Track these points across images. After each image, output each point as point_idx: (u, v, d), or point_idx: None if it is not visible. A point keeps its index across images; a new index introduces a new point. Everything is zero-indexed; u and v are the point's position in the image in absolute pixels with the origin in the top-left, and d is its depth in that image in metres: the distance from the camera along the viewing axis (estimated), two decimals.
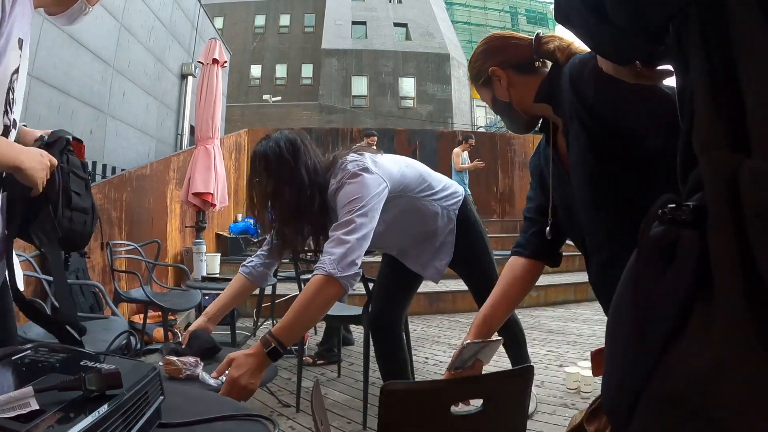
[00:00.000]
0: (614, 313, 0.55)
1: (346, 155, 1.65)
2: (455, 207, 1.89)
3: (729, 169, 0.38)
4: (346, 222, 1.45)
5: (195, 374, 1.29)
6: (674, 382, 0.43)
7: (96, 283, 2.66)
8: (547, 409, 2.33)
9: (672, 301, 0.45)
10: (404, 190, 1.76)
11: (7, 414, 0.59)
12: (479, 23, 33.61)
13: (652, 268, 0.47)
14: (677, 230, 0.46)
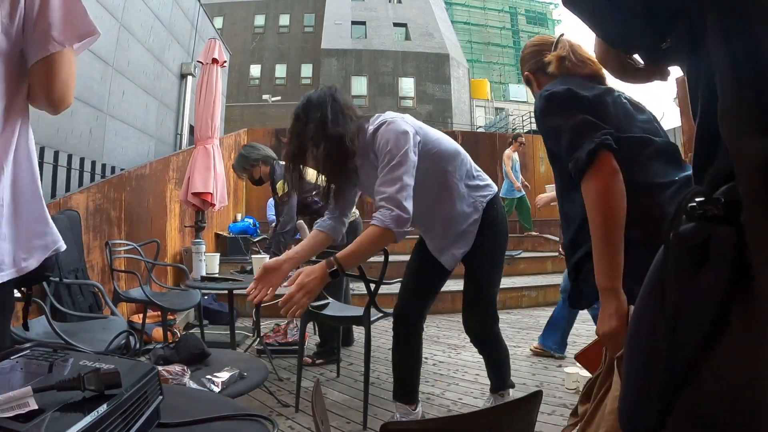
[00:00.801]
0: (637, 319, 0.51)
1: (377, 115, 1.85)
2: (483, 199, 1.92)
3: (764, 155, 0.35)
4: (390, 180, 1.65)
5: (182, 383, 1.29)
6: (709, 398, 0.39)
7: (95, 283, 2.66)
8: (547, 410, 2.33)
9: (706, 306, 0.40)
10: (438, 157, 1.84)
11: (6, 414, 0.59)
12: (479, 23, 33.63)
13: (683, 270, 0.43)
14: (709, 227, 0.42)
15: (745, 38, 0.39)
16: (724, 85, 0.40)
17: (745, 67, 0.39)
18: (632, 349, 0.51)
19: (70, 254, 2.92)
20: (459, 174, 1.90)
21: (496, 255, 1.99)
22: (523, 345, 3.58)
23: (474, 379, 2.84)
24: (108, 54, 4.79)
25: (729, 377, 0.38)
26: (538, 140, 9.85)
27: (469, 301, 2.03)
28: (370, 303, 2.33)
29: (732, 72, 0.40)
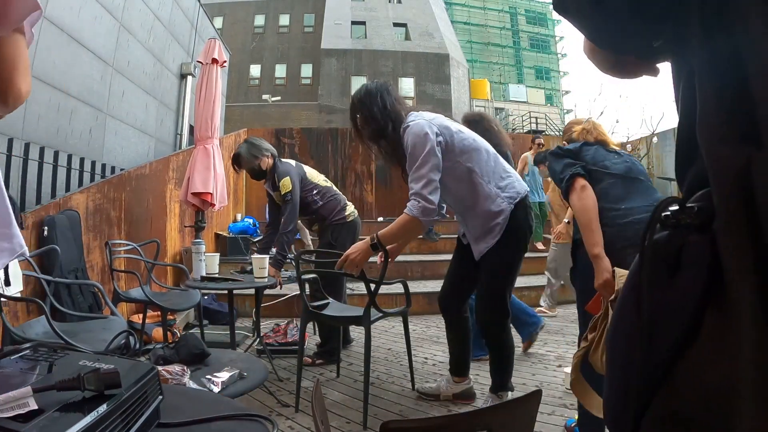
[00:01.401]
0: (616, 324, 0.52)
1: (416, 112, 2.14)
2: (511, 201, 2.09)
3: (739, 163, 0.36)
4: (417, 178, 1.97)
5: (182, 383, 1.29)
6: (683, 400, 0.40)
7: (95, 283, 2.66)
8: (547, 410, 2.33)
9: (680, 312, 0.41)
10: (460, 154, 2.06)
11: (6, 414, 0.59)
12: (479, 23, 33.63)
13: (657, 277, 0.44)
14: (683, 235, 0.43)
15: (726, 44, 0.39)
16: (704, 90, 0.41)
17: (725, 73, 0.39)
18: (611, 351, 0.52)
19: (70, 254, 2.92)
20: (484, 172, 2.08)
21: (514, 254, 2.15)
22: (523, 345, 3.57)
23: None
24: (108, 54, 4.79)
25: (702, 378, 0.39)
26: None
27: (482, 292, 2.21)
28: (370, 303, 2.33)
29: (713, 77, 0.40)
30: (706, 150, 0.40)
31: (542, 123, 18.42)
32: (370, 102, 2.13)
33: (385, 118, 2.10)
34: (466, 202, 2.11)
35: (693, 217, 0.42)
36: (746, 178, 0.35)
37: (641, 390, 0.44)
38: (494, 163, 2.13)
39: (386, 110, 2.10)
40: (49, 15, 3.77)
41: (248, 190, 7.77)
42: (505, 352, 2.23)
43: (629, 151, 9.39)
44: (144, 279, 3.08)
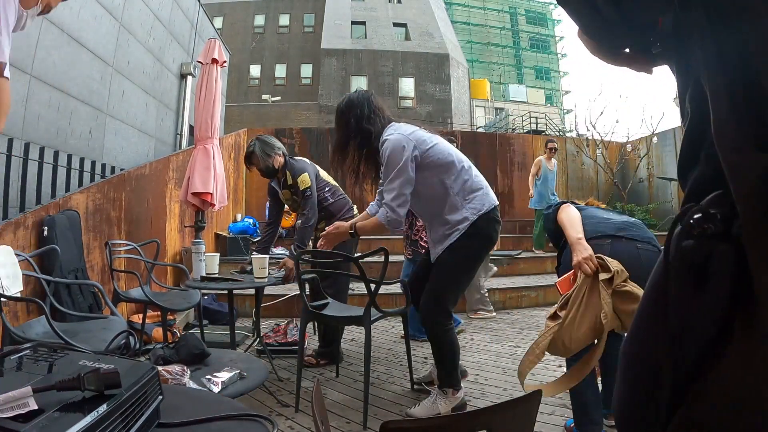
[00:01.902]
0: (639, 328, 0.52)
1: (397, 123, 2.28)
2: (475, 213, 2.20)
3: (758, 172, 0.36)
4: (389, 189, 2.13)
5: (182, 383, 1.29)
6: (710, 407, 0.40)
7: (95, 283, 2.65)
8: (546, 410, 2.33)
9: (709, 322, 0.42)
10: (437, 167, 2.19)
11: (6, 414, 0.59)
12: (479, 23, 33.63)
13: (685, 287, 0.44)
14: (709, 245, 0.43)
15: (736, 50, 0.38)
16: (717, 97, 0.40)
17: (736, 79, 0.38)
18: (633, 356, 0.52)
19: (70, 254, 2.92)
20: (455, 185, 2.21)
21: (467, 259, 2.26)
22: (523, 345, 3.58)
23: (474, 379, 2.84)
24: (108, 54, 4.79)
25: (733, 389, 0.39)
26: (538, 140, 9.84)
27: (428, 290, 2.27)
28: (370, 303, 2.33)
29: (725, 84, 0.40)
30: (724, 158, 0.40)
31: (542, 123, 18.41)
32: (351, 112, 2.26)
33: (364, 129, 2.23)
34: (434, 210, 2.25)
35: (718, 224, 0.42)
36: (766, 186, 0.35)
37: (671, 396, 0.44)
38: (467, 176, 2.24)
39: (366, 121, 2.23)
40: (49, 15, 3.76)
41: (248, 190, 7.77)
42: (446, 350, 2.27)
43: (629, 151, 9.39)
44: (144, 279, 3.08)
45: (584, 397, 1.91)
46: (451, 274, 2.25)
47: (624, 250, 1.80)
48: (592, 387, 1.93)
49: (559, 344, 1.70)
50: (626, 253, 1.79)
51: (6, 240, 2.47)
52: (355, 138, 2.25)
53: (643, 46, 0.54)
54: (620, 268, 1.71)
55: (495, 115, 24.36)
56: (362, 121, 2.23)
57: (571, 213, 1.96)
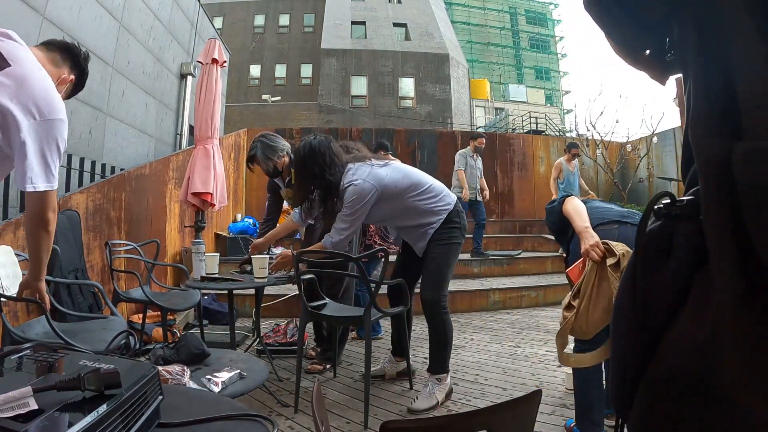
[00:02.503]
0: (616, 308, 0.58)
1: (352, 164, 2.45)
2: (443, 213, 2.50)
3: (722, 153, 0.40)
4: (341, 219, 2.40)
5: (182, 383, 1.29)
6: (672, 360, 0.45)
7: (95, 283, 2.65)
8: (547, 410, 2.33)
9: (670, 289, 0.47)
10: (399, 194, 2.44)
11: (6, 414, 0.59)
12: (479, 23, 33.62)
13: (651, 262, 0.49)
14: (673, 224, 0.48)
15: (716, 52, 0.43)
16: (696, 92, 0.45)
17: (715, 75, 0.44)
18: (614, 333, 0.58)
19: (70, 254, 2.92)
20: (420, 200, 2.49)
21: (452, 245, 2.53)
22: (523, 345, 3.58)
23: (474, 379, 2.84)
24: (108, 54, 4.79)
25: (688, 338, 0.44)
26: (538, 140, 9.84)
27: (426, 276, 2.53)
28: (370, 303, 2.34)
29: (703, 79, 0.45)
30: (695, 144, 0.45)
31: (542, 123, 18.41)
32: (314, 162, 2.42)
33: (327, 179, 2.42)
34: (406, 222, 2.54)
35: (683, 208, 0.47)
36: (727, 166, 0.39)
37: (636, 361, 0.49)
38: (425, 187, 2.51)
39: (329, 172, 2.42)
40: (49, 15, 3.77)
41: (248, 190, 7.77)
42: (448, 333, 2.52)
43: (629, 151, 9.39)
44: (144, 279, 3.08)
45: (589, 396, 1.92)
46: (443, 260, 2.50)
47: (631, 234, 1.87)
48: (598, 388, 1.94)
49: (578, 330, 1.80)
50: (633, 238, 1.81)
51: (6, 240, 2.47)
52: (319, 187, 2.45)
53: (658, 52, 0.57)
54: (626, 251, 1.77)
55: (495, 115, 24.36)
56: (325, 171, 2.41)
57: (576, 204, 2.04)
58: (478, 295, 4.95)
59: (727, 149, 0.40)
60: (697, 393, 0.42)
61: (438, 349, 2.52)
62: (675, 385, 0.44)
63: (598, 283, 1.77)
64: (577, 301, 1.79)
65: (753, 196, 0.37)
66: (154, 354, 1.57)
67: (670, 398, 0.45)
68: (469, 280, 5.46)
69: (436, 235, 2.50)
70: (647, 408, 0.47)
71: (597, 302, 1.76)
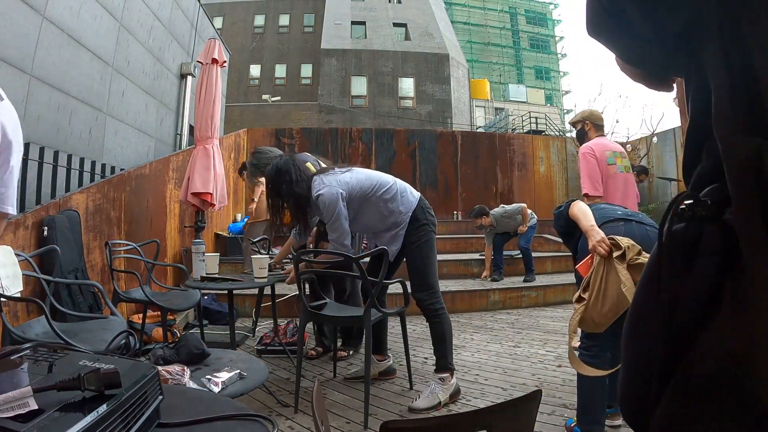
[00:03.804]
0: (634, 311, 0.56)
1: (317, 176, 2.59)
2: (406, 215, 2.61)
3: (751, 152, 0.39)
4: (329, 229, 2.57)
5: (182, 383, 1.29)
6: (708, 367, 0.43)
7: (95, 283, 2.65)
8: (547, 410, 2.33)
9: (700, 295, 0.45)
10: (365, 195, 2.59)
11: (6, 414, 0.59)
12: (479, 23, 33.61)
13: (676, 264, 0.48)
14: (699, 226, 0.47)
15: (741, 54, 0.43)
16: (719, 90, 0.44)
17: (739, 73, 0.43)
18: (631, 338, 0.56)
19: (70, 254, 2.92)
20: (385, 199, 2.61)
21: (426, 242, 2.62)
22: (523, 345, 3.58)
23: (474, 379, 2.84)
24: (108, 54, 4.79)
25: (723, 346, 0.42)
26: (538, 140, 9.85)
27: (413, 279, 2.62)
28: (371, 303, 2.34)
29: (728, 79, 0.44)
30: (721, 142, 0.43)
31: (542, 123, 18.41)
32: (281, 180, 2.58)
33: (296, 193, 2.57)
34: (373, 224, 2.67)
35: (707, 209, 0.46)
36: (759, 166, 0.38)
37: (663, 369, 0.47)
38: (389, 188, 2.62)
39: (296, 186, 2.57)
40: (49, 15, 3.77)
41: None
42: (447, 330, 2.58)
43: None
44: (144, 279, 3.08)
45: (591, 395, 1.92)
46: (421, 260, 2.60)
47: (636, 231, 1.95)
48: (600, 387, 1.94)
49: (589, 321, 1.87)
50: (638, 234, 1.93)
51: (6, 240, 2.47)
52: (289, 201, 2.61)
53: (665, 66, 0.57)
54: (630, 243, 1.86)
55: (495, 115, 24.35)
56: (293, 186, 2.56)
57: (582, 206, 2.11)
58: (478, 295, 4.95)
59: (757, 149, 0.39)
60: (734, 402, 0.41)
61: (438, 344, 2.59)
62: (711, 393, 0.43)
63: (606, 276, 1.86)
64: (587, 293, 1.88)
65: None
66: (154, 354, 1.57)
67: (704, 406, 0.43)
68: (469, 280, 5.45)
69: (408, 237, 2.61)
70: (677, 416, 0.45)
71: (606, 293, 1.85)
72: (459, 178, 9.05)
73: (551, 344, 3.59)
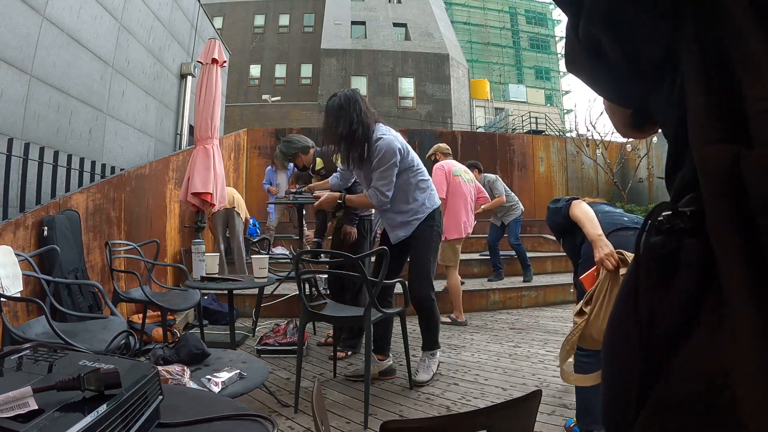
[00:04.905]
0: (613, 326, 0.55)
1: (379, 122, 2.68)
2: (431, 206, 2.73)
3: (728, 161, 0.38)
4: (379, 177, 2.61)
5: (182, 383, 1.29)
6: (685, 383, 0.42)
7: (95, 283, 2.65)
8: (547, 410, 2.33)
9: (678, 309, 0.44)
10: (407, 167, 2.67)
11: (6, 414, 0.59)
12: (479, 23, 33.60)
13: (654, 279, 0.47)
14: (677, 239, 0.45)
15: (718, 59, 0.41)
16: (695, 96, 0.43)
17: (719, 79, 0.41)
18: (610, 353, 0.55)
19: (70, 254, 2.92)
20: (417, 183, 2.70)
21: (429, 241, 2.73)
22: (523, 345, 3.58)
23: (474, 379, 2.84)
24: (108, 54, 4.79)
25: (700, 362, 0.41)
26: (538, 140, 9.84)
27: (413, 272, 2.75)
28: (371, 303, 2.33)
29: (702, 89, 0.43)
30: (696, 150, 0.42)
31: (542, 123, 18.41)
32: (350, 109, 2.59)
33: (359, 123, 2.59)
34: (397, 200, 2.70)
35: (686, 221, 0.44)
36: (735, 176, 0.37)
37: (642, 385, 0.46)
38: (422, 175, 2.74)
39: (361, 117, 2.60)
40: (49, 15, 3.77)
41: (248, 191, 7.77)
42: (435, 318, 2.82)
43: (629, 151, 9.39)
44: (144, 279, 3.08)
45: (590, 395, 1.92)
46: (424, 254, 2.71)
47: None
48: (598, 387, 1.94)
49: (588, 338, 1.80)
50: None
51: (6, 240, 2.47)
52: (357, 128, 2.59)
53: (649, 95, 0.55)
54: None
55: (495, 115, 24.34)
56: (362, 115, 2.60)
57: (585, 209, 2.01)
58: (478, 295, 4.95)
59: (733, 157, 0.37)
60: (711, 419, 0.40)
61: (429, 331, 2.83)
62: (687, 412, 0.42)
63: (611, 291, 1.77)
64: (589, 307, 1.79)
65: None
66: (154, 354, 1.57)
67: (681, 425, 0.42)
68: (469, 280, 5.46)
69: (418, 231, 2.70)
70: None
71: (608, 310, 1.75)
72: None
73: (551, 344, 3.59)
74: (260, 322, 3.97)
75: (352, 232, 3.32)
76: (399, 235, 2.72)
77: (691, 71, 0.44)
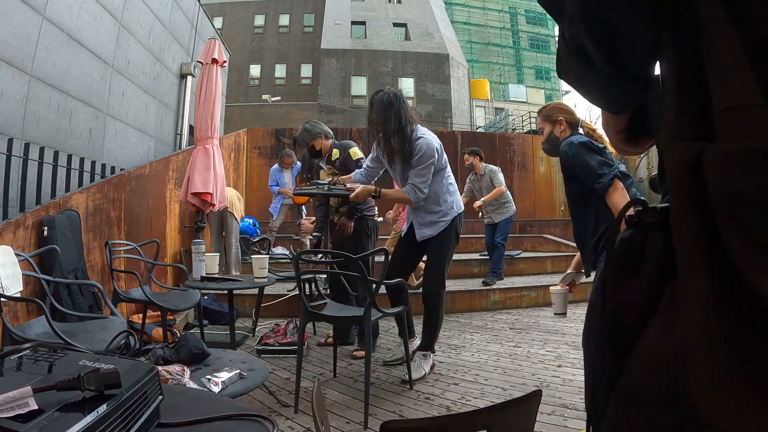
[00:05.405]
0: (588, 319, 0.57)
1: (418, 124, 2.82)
2: (455, 211, 2.88)
3: (691, 156, 0.38)
4: (417, 174, 2.74)
5: (182, 383, 1.29)
6: (640, 373, 0.44)
7: (95, 283, 2.65)
8: (547, 410, 2.33)
9: (640, 301, 0.45)
10: (440, 168, 2.81)
11: (6, 414, 0.59)
12: (479, 23, 33.61)
13: (621, 272, 0.48)
14: (644, 233, 0.47)
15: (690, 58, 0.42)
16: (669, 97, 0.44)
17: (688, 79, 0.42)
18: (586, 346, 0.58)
19: (70, 254, 2.92)
20: (447, 187, 2.87)
21: (449, 244, 2.88)
22: (523, 345, 3.58)
23: (474, 379, 2.84)
24: (108, 54, 4.79)
25: (655, 352, 0.42)
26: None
27: (429, 269, 2.90)
28: (371, 303, 2.34)
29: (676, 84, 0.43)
30: (664, 147, 0.43)
31: None
32: (399, 106, 2.76)
33: (407, 121, 2.75)
34: (429, 200, 2.82)
35: (655, 216, 0.46)
36: (698, 171, 0.38)
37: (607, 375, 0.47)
38: (451, 180, 2.90)
39: (409, 115, 2.77)
40: (49, 15, 3.77)
41: (248, 190, 7.76)
42: (440, 316, 2.87)
43: None
44: (144, 279, 3.08)
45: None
46: (443, 255, 2.85)
47: None
48: None
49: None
50: None
51: (6, 240, 2.47)
52: (406, 125, 2.74)
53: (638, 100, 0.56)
54: None
55: (495, 115, 24.34)
56: (406, 112, 2.76)
57: (625, 199, 1.89)
58: (478, 295, 4.95)
59: (697, 152, 0.38)
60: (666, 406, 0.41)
61: (429, 328, 2.89)
62: (643, 401, 0.43)
63: None
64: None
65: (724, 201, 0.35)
66: (154, 354, 1.57)
67: (638, 413, 0.43)
68: (469, 280, 5.45)
69: (443, 232, 2.84)
70: (615, 423, 0.46)
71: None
72: (459, 178, 9.01)
73: (551, 344, 3.59)
74: (260, 322, 3.97)
75: (349, 225, 3.36)
76: (425, 233, 2.85)
77: (671, 76, 0.44)
